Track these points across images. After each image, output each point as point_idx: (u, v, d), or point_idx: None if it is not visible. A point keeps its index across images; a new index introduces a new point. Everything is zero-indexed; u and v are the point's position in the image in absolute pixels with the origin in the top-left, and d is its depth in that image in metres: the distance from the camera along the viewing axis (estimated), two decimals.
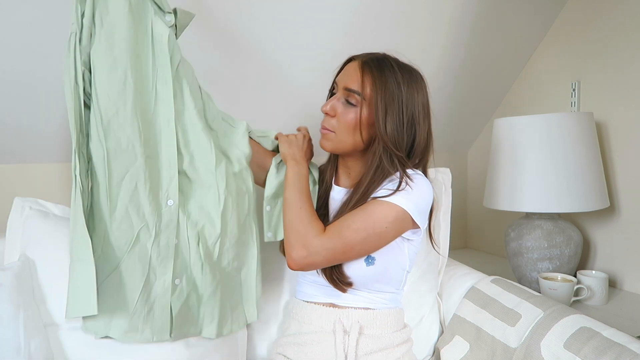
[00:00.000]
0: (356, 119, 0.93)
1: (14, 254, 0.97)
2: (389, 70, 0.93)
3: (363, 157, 1.00)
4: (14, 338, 0.83)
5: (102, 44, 0.85)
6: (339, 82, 0.97)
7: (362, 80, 0.92)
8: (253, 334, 1.16)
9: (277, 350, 1.05)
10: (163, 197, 0.92)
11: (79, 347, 0.92)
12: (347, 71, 0.96)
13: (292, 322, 1.04)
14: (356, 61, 0.96)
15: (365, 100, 0.93)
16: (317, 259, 0.89)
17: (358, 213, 0.91)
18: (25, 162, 1.22)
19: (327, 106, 0.96)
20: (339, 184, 1.07)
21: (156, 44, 0.91)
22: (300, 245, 0.89)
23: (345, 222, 0.90)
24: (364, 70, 0.93)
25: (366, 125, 0.94)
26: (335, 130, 0.96)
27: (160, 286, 0.92)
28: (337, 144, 0.97)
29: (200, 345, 0.98)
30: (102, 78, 0.85)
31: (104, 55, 0.86)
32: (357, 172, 1.02)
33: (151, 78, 0.91)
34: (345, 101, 0.95)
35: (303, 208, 0.94)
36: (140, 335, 0.91)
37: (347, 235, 0.89)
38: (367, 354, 0.95)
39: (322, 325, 0.98)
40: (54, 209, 1.04)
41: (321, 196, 1.07)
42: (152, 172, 0.90)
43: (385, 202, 0.90)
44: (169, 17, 0.92)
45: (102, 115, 0.86)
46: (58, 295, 0.93)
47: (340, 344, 0.94)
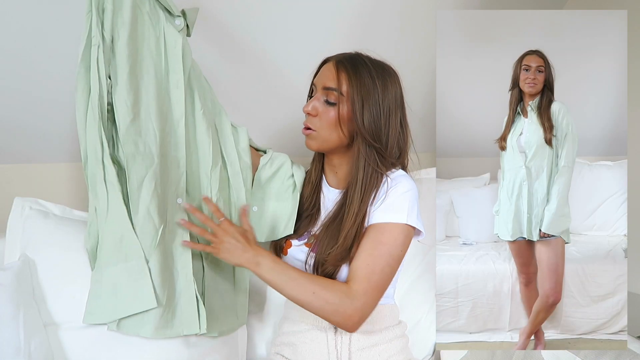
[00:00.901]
0: (336, 116, 0.96)
1: (14, 254, 0.97)
2: (362, 66, 0.96)
3: (347, 154, 1.02)
4: (13, 338, 0.84)
5: (122, 54, 0.88)
6: (317, 84, 0.99)
7: (338, 77, 0.95)
8: (253, 333, 1.16)
9: (275, 350, 1.06)
10: (173, 195, 0.95)
11: (79, 347, 0.92)
12: (324, 72, 0.99)
13: (285, 322, 1.06)
14: (331, 62, 0.99)
15: (343, 96, 0.95)
16: (367, 312, 0.89)
17: (373, 252, 0.90)
18: (25, 162, 1.22)
19: (309, 106, 0.97)
20: (329, 184, 1.08)
21: (169, 50, 0.94)
22: (347, 317, 0.87)
23: (366, 267, 0.89)
24: (338, 68, 0.96)
25: (346, 121, 0.96)
26: (318, 129, 0.98)
27: (183, 280, 0.95)
28: (321, 142, 0.99)
29: (200, 345, 0.98)
30: (122, 87, 0.88)
31: (124, 65, 0.88)
32: (344, 171, 1.04)
33: (164, 82, 0.95)
34: (325, 101, 0.97)
35: (315, 292, 0.87)
36: (171, 331, 0.93)
37: (376, 279, 0.89)
38: (361, 349, 0.96)
39: (313, 323, 0.99)
40: (54, 209, 1.04)
41: (310, 196, 1.07)
42: (164, 172, 0.94)
43: (388, 225, 0.91)
44: (179, 21, 0.95)
45: (120, 122, 0.88)
46: (58, 295, 0.94)
47: (332, 341, 0.96)
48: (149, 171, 0.91)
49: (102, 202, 0.89)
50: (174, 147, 0.96)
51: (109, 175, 0.88)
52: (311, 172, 1.10)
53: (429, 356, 1.17)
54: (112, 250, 0.89)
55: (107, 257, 0.90)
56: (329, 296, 0.86)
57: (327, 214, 1.01)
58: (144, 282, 0.89)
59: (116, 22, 0.87)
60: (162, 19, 0.94)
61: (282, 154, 1.12)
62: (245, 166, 1.05)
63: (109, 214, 0.89)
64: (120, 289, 0.89)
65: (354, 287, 0.88)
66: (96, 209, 0.91)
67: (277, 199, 1.07)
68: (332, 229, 0.96)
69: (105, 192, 0.89)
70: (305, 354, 0.98)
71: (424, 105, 1.70)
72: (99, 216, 0.91)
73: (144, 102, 0.91)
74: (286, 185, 1.08)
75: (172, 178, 0.96)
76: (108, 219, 0.89)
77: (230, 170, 1.04)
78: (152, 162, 0.91)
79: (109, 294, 0.89)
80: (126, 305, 0.89)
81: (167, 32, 0.94)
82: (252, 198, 1.07)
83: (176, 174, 0.96)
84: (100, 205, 0.90)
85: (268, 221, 1.06)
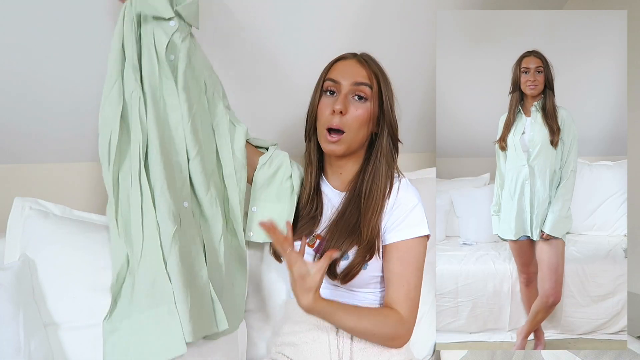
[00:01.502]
0: (368, 113, 0.96)
1: (14, 254, 0.97)
2: (380, 65, 0.99)
3: (355, 155, 1.01)
4: (13, 337, 0.84)
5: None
6: (342, 80, 0.96)
7: (370, 73, 0.96)
8: (253, 333, 1.16)
9: (276, 350, 1.06)
10: (179, 198, 0.95)
11: (79, 347, 0.92)
12: (348, 68, 0.97)
13: (287, 322, 1.05)
14: (352, 59, 0.99)
15: (374, 92, 0.96)
16: (414, 326, 0.96)
17: (404, 273, 0.94)
18: (25, 162, 1.22)
19: (339, 104, 0.94)
20: (332, 186, 1.07)
21: (160, 55, 0.94)
22: (403, 340, 0.96)
23: (404, 289, 0.94)
24: (368, 64, 0.97)
25: (371, 119, 0.97)
26: (347, 129, 0.95)
27: (200, 281, 0.94)
28: (349, 144, 0.97)
29: (200, 345, 0.98)
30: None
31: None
32: (349, 172, 1.03)
33: (158, 89, 0.94)
34: (356, 96, 0.96)
35: (375, 333, 0.92)
36: (193, 336, 0.89)
37: (413, 295, 0.95)
38: (362, 349, 0.96)
39: (314, 322, 0.99)
40: (54, 209, 1.04)
41: (309, 199, 1.05)
42: (170, 177, 0.93)
43: (410, 242, 0.95)
44: (173, 22, 0.93)
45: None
46: (58, 295, 0.94)
47: (334, 340, 0.96)
48: (159, 176, 0.91)
49: (137, 247, 0.89)
50: (174, 152, 0.96)
51: (147, 220, 0.89)
52: (307, 177, 1.08)
53: (429, 356, 1.17)
54: (143, 297, 0.88)
55: (136, 303, 0.89)
56: (387, 330, 0.92)
57: (334, 213, 1.01)
58: (173, 328, 0.87)
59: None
60: (150, 24, 0.93)
61: (281, 152, 1.11)
62: (240, 166, 1.04)
63: (142, 259, 0.89)
64: (149, 337, 0.87)
65: (402, 312, 0.93)
66: (128, 255, 0.91)
67: (277, 200, 1.07)
68: (342, 226, 0.97)
69: (141, 238, 0.89)
70: (306, 353, 0.98)
71: (424, 105, 1.70)
72: (131, 261, 0.91)
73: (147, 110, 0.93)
74: (285, 186, 1.07)
75: (177, 182, 0.96)
76: (141, 264, 0.89)
77: (225, 171, 1.04)
78: (161, 167, 0.91)
79: (134, 342, 0.87)
80: (154, 353, 0.87)
81: (156, 36, 0.93)
82: (252, 198, 1.07)
83: (180, 178, 0.96)
84: (134, 250, 0.90)
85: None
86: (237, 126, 1.06)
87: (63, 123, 1.16)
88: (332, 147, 0.97)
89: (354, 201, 0.99)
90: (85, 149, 1.23)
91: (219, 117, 1.04)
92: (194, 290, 0.92)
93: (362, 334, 0.93)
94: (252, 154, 1.09)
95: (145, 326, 0.88)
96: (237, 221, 1.06)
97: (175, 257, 0.89)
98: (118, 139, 0.90)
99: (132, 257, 0.91)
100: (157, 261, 0.88)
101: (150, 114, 0.92)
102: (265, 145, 1.12)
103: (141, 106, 0.90)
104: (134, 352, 0.87)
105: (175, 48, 0.94)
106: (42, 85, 1.09)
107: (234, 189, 1.04)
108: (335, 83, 0.97)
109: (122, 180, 0.92)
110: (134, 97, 0.90)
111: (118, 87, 0.91)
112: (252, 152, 1.10)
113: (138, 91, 0.90)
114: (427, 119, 1.73)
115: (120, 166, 0.93)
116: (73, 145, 1.22)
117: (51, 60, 1.06)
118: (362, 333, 0.92)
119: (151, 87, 0.93)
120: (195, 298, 0.91)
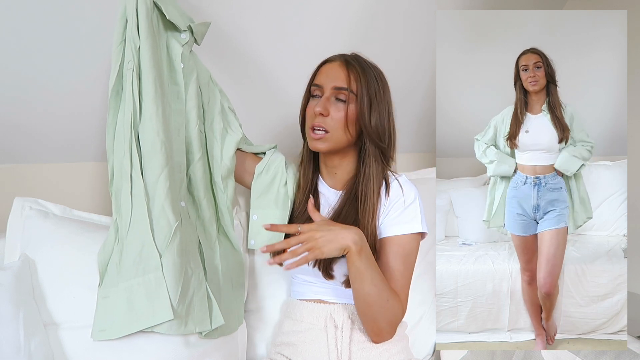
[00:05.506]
0: (347, 115, 0.96)
1: (14, 253, 0.97)
2: (367, 67, 0.98)
3: (349, 154, 1.02)
4: (13, 337, 0.84)
5: (148, 74, 0.92)
6: (324, 84, 0.98)
7: (349, 77, 0.96)
8: (253, 333, 1.16)
9: (276, 350, 1.06)
10: (178, 198, 0.97)
11: (79, 346, 0.92)
12: (331, 72, 0.99)
13: (286, 321, 1.06)
14: (336, 62, 1.00)
15: (354, 95, 0.96)
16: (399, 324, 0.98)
17: (399, 266, 0.96)
18: (25, 162, 1.22)
19: (319, 107, 0.96)
20: (328, 185, 1.07)
21: (175, 62, 0.99)
22: (396, 325, 0.96)
23: (398, 282, 0.95)
24: (348, 68, 0.97)
25: (353, 121, 0.97)
26: (330, 129, 0.97)
27: (196, 279, 0.96)
28: (332, 143, 0.98)
29: (200, 345, 0.98)
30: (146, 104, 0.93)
31: (150, 82, 0.92)
32: (343, 171, 1.04)
33: (168, 94, 0.98)
34: (335, 99, 0.97)
35: (389, 300, 0.91)
36: (184, 328, 0.93)
37: (406, 292, 0.98)
38: (361, 349, 0.97)
39: (313, 322, 0.99)
40: (54, 209, 1.04)
41: (304, 199, 1.06)
42: (172, 176, 0.95)
43: (406, 237, 0.97)
44: (185, 35, 0.99)
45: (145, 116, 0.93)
46: (58, 295, 0.94)
47: (332, 339, 0.97)
48: (165, 170, 0.92)
49: (126, 216, 0.91)
50: (175, 153, 0.98)
51: (136, 189, 0.90)
52: (302, 177, 1.08)
53: (429, 356, 1.18)
54: (130, 265, 0.90)
55: (124, 271, 0.90)
56: (392, 313, 0.92)
57: (330, 213, 1.02)
58: (160, 294, 0.89)
59: (143, 48, 0.91)
60: (165, 33, 0.98)
61: (278, 157, 1.11)
62: (228, 173, 1.07)
63: (131, 227, 0.90)
64: (136, 304, 0.89)
65: (401, 297, 0.94)
66: (117, 225, 0.93)
67: (275, 206, 1.08)
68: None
69: (130, 206, 0.90)
70: (305, 353, 0.99)
71: (424, 105, 1.70)
72: (119, 231, 0.92)
73: (155, 112, 0.94)
74: (282, 192, 1.08)
75: (177, 182, 0.97)
76: (130, 233, 0.90)
77: (214, 177, 1.06)
78: (167, 162, 0.93)
79: (123, 309, 0.89)
80: (142, 319, 0.89)
81: (170, 44, 0.99)
82: (252, 207, 1.08)
83: (179, 178, 0.99)
84: (123, 220, 0.91)
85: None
86: (229, 133, 1.07)
87: (63, 123, 1.17)
88: (316, 144, 0.99)
89: (350, 201, 1.00)
90: (85, 149, 1.24)
91: (214, 124, 1.06)
92: (186, 286, 0.94)
93: (371, 304, 0.90)
94: (250, 161, 1.10)
95: (133, 293, 0.89)
96: (228, 226, 1.09)
97: (172, 252, 0.91)
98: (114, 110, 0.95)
99: (121, 226, 0.92)
100: (145, 230, 0.89)
101: (158, 110, 0.93)
102: (262, 150, 1.13)
103: (134, 77, 0.91)
104: (122, 319, 0.89)
105: (185, 58, 1.00)
106: (42, 85, 1.09)
107: (221, 195, 1.07)
108: (319, 87, 1.00)
109: (115, 150, 0.94)
110: (128, 68, 0.91)
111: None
112: (250, 159, 1.11)
113: (133, 62, 0.91)
114: (427, 119, 1.73)
115: (115, 135, 0.95)
116: (73, 145, 1.23)
117: (51, 61, 1.06)
118: (372, 304, 0.90)
119: (160, 86, 0.95)
120: (187, 290, 0.94)
